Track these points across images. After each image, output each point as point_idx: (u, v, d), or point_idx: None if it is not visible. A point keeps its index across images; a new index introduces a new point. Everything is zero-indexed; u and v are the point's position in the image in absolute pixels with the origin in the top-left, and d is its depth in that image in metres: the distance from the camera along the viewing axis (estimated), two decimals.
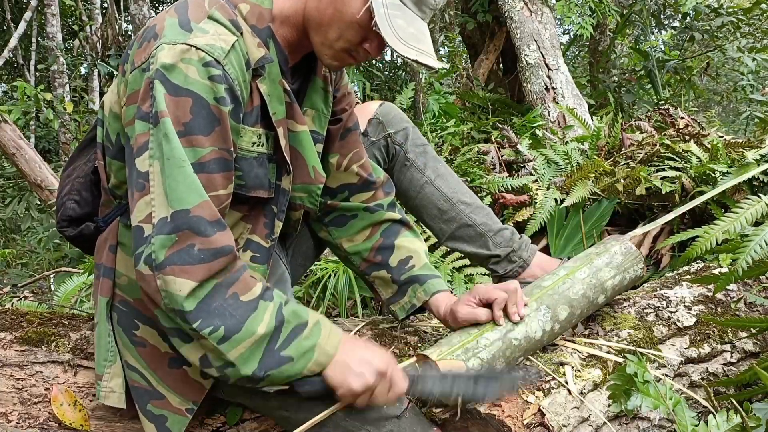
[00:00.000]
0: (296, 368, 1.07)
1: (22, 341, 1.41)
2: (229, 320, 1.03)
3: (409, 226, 1.50)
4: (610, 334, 1.48)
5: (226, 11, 1.12)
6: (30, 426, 1.31)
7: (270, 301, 1.08)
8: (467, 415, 1.24)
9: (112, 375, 1.25)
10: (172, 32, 1.06)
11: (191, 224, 1.02)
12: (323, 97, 1.33)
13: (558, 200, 2.52)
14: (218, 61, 1.05)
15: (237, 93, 1.09)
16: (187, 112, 1.03)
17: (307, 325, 1.10)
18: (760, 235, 1.37)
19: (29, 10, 6.76)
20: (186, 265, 1.01)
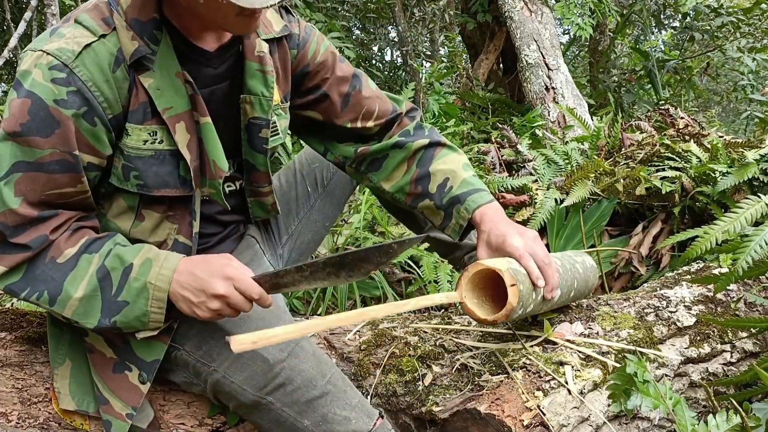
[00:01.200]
0: (138, 309, 1.12)
1: (22, 341, 1.41)
2: (50, 283, 1.11)
3: (441, 144, 1.46)
4: (610, 334, 1.48)
5: (99, 11, 1.12)
6: (30, 426, 1.31)
7: (95, 253, 1.13)
8: (467, 415, 1.24)
9: (59, 376, 1.28)
10: (39, 39, 1.10)
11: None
12: (262, 80, 1.28)
13: (558, 200, 2.52)
14: (65, 65, 1.06)
15: (91, 95, 1.08)
16: (26, 113, 1.05)
17: (132, 266, 1.12)
18: (760, 235, 1.37)
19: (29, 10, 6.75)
20: (2, 254, 1.11)
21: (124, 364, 1.22)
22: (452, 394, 1.29)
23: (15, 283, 1.12)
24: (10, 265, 1.11)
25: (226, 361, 1.21)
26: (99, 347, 1.24)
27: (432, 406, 1.28)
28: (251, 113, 1.29)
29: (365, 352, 1.43)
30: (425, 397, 1.31)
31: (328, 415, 1.17)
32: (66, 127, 1.07)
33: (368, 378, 1.38)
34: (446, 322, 1.53)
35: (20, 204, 1.08)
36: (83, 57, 1.07)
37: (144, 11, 1.12)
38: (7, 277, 1.12)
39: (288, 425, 1.18)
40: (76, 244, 1.13)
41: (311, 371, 1.19)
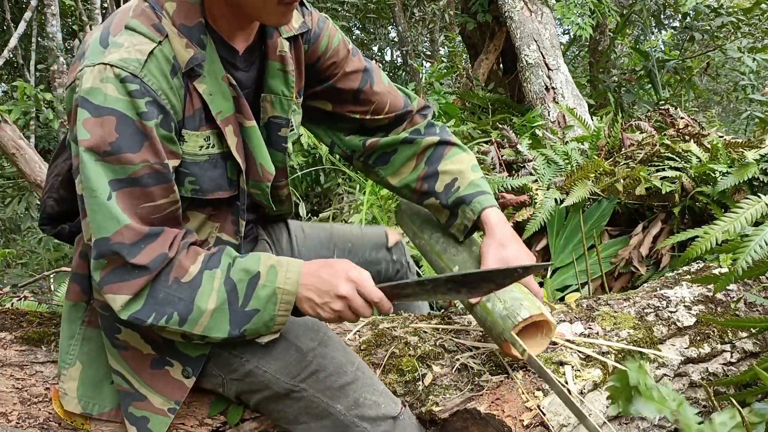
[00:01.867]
0: (267, 315, 1.13)
1: (22, 341, 1.41)
2: (179, 304, 1.09)
3: (451, 143, 1.46)
4: (610, 334, 1.48)
5: (146, 17, 1.09)
6: (30, 426, 1.31)
7: (215, 268, 1.12)
8: (467, 415, 1.24)
9: (67, 377, 1.26)
10: (93, 51, 1.06)
11: (113, 250, 1.06)
12: (283, 79, 1.28)
13: (558, 200, 2.52)
14: (135, 75, 1.04)
15: (163, 102, 1.08)
16: (113, 131, 1.04)
17: (260, 274, 1.13)
18: (760, 235, 1.37)
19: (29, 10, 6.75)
20: (121, 282, 1.07)
21: (165, 360, 1.22)
22: (452, 394, 1.29)
23: (139, 311, 1.08)
24: (135, 291, 1.07)
25: (259, 352, 1.21)
26: (134, 344, 1.22)
27: (432, 406, 1.28)
28: (271, 112, 1.30)
29: (365, 352, 1.43)
30: (425, 397, 1.31)
31: (360, 399, 1.19)
32: (152, 138, 1.06)
33: None
34: (446, 322, 1.53)
35: (131, 219, 1.06)
36: (148, 65, 1.06)
37: (190, 16, 1.12)
38: (130, 306, 1.07)
39: (320, 411, 1.19)
40: (196, 261, 1.12)
41: (341, 358, 1.22)
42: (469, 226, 1.39)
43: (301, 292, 1.14)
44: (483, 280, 1.13)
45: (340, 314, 1.14)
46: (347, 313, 1.14)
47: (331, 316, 1.14)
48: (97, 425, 1.30)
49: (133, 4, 1.12)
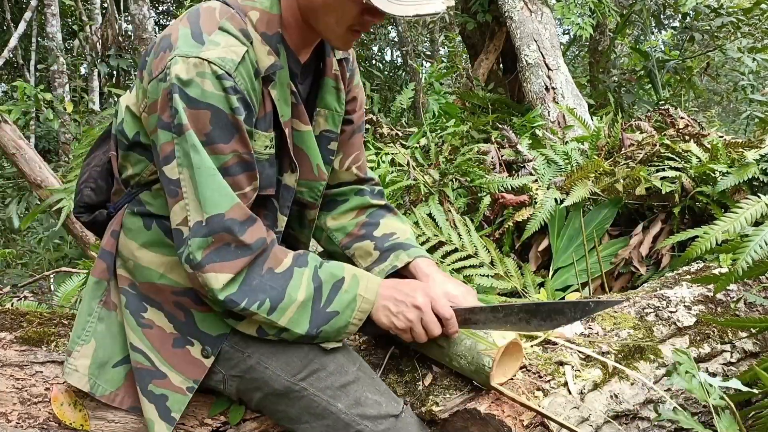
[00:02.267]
0: (343, 319, 1.19)
1: (22, 341, 1.42)
2: (271, 292, 1.15)
3: (394, 212, 1.55)
4: (610, 334, 1.48)
5: (236, 21, 1.15)
6: (30, 426, 1.32)
7: (304, 266, 1.20)
8: (467, 415, 1.24)
9: (80, 354, 1.28)
10: (186, 44, 1.11)
11: (226, 226, 1.12)
12: (336, 96, 1.37)
13: (558, 200, 2.52)
14: (229, 74, 1.10)
15: (249, 101, 1.14)
16: (207, 123, 1.10)
17: (344, 280, 1.21)
18: (760, 235, 1.37)
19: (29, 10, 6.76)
20: (225, 261, 1.12)
21: (186, 339, 1.25)
22: (452, 394, 1.29)
23: (235, 294, 1.13)
24: (235, 270, 1.13)
25: (262, 347, 1.23)
26: (159, 323, 1.25)
27: (432, 406, 1.28)
28: (323, 126, 1.37)
29: (365, 352, 1.43)
30: (425, 397, 1.31)
31: (361, 398, 1.21)
32: (242, 131, 1.13)
33: None
34: None
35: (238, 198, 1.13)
36: (240, 67, 1.12)
37: (271, 26, 1.19)
38: (227, 288, 1.13)
39: (321, 410, 1.20)
40: (287, 255, 1.20)
41: (342, 358, 1.24)
42: (398, 266, 1.41)
43: (379, 301, 1.21)
44: (555, 312, 1.17)
45: (412, 325, 1.20)
46: (418, 327, 1.20)
47: (405, 324, 1.20)
48: (97, 425, 1.30)
49: (216, 6, 1.17)
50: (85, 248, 3.50)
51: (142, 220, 1.27)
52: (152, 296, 1.26)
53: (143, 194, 1.27)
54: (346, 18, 1.15)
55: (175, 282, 1.24)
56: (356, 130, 1.49)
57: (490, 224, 2.77)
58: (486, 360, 1.22)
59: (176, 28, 1.14)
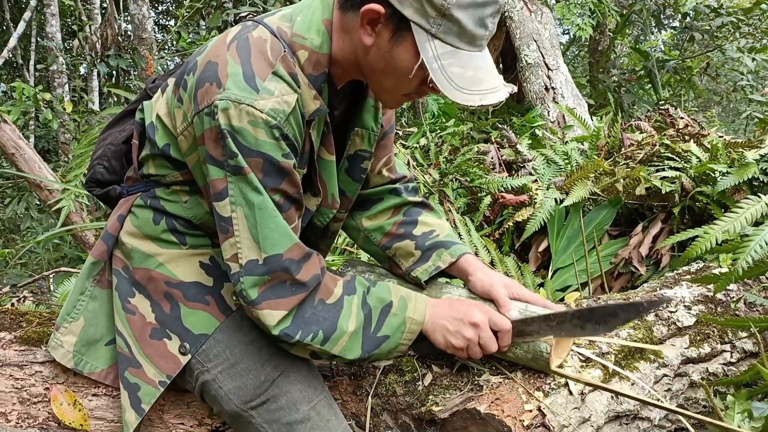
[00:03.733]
0: (393, 342, 1.20)
1: (21, 341, 1.41)
2: (323, 324, 1.16)
3: (431, 207, 1.53)
4: (610, 334, 1.48)
5: (287, 64, 1.12)
6: (29, 426, 1.31)
7: (353, 294, 1.20)
8: (467, 415, 1.24)
9: (68, 331, 1.29)
10: (237, 87, 1.08)
11: (284, 266, 1.13)
12: (373, 115, 1.35)
13: (558, 200, 2.52)
14: (280, 126, 1.10)
15: (296, 146, 1.15)
16: (259, 170, 1.10)
17: (392, 304, 1.21)
18: (760, 235, 1.37)
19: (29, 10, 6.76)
20: (279, 299, 1.13)
21: (164, 332, 1.24)
22: (452, 394, 1.29)
23: (288, 327, 1.14)
24: (290, 307, 1.14)
25: (220, 366, 1.22)
26: (142, 311, 1.25)
27: (432, 406, 1.28)
28: (359, 145, 1.36)
29: None
30: (425, 397, 1.31)
31: None
32: (292, 174, 1.14)
33: (368, 378, 1.38)
34: None
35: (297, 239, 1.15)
36: (290, 117, 1.11)
37: (318, 67, 1.16)
38: (282, 323, 1.14)
39: None
40: (337, 285, 1.21)
41: (297, 395, 1.22)
42: (442, 267, 1.41)
43: (435, 320, 1.22)
44: (609, 314, 1.18)
45: (470, 343, 1.21)
46: (475, 345, 1.21)
47: (462, 343, 1.21)
48: (97, 425, 1.30)
49: (267, 38, 1.13)
50: (84, 248, 3.50)
51: (152, 214, 1.26)
52: (143, 283, 1.25)
53: (160, 190, 1.27)
54: (405, 86, 1.15)
55: (173, 274, 1.24)
56: (387, 132, 1.47)
57: (490, 224, 2.77)
58: (543, 347, 1.25)
59: (224, 59, 1.10)
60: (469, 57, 1.08)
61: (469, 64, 1.08)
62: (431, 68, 1.05)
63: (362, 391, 1.37)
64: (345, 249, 2.51)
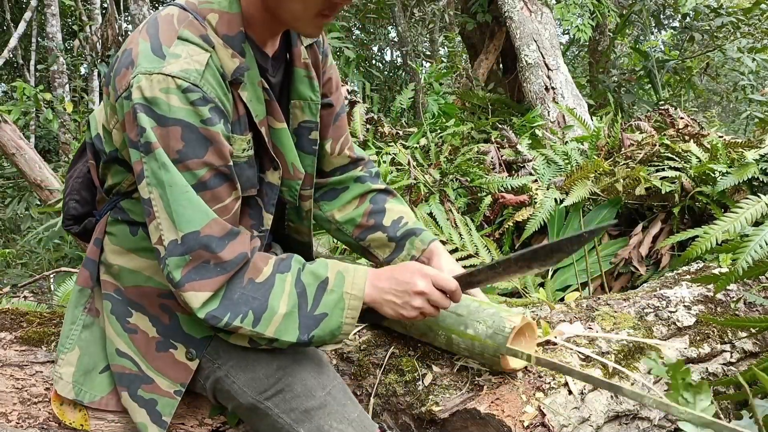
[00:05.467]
0: (334, 320, 1.15)
1: (22, 341, 1.42)
2: (253, 303, 1.12)
3: (394, 194, 1.56)
4: (610, 334, 1.48)
5: (195, 27, 1.12)
6: (30, 426, 1.32)
7: (286, 272, 1.16)
8: (467, 415, 1.24)
9: (65, 362, 1.28)
10: (146, 59, 1.07)
11: (202, 243, 1.09)
12: (309, 85, 1.34)
13: (558, 200, 2.52)
14: (196, 85, 1.07)
15: (221, 108, 1.11)
16: (179, 139, 1.07)
17: (328, 280, 1.16)
18: (760, 235, 1.37)
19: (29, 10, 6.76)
20: (204, 279, 1.09)
21: (169, 343, 1.24)
22: (452, 394, 1.29)
23: (216, 309, 1.10)
24: (215, 288, 1.10)
25: (231, 360, 1.22)
26: (143, 327, 1.24)
27: (432, 406, 1.28)
28: (301, 117, 1.35)
29: (365, 352, 1.43)
30: (425, 397, 1.31)
31: (324, 427, 1.18)
32: (217, 141, 1.10)
33: (368, 378, 1.38)
34: None
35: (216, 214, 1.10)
36: (206, 75, 1.09)
37: (232, 26, 1.15)
38: (207, 304, 1.10)
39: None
40: (268, 263, 1.16)
41: (312, 381, 1.21)
42: (417, 256, 1.45)
43: (379, 296, 1.18)
44: (553, 251, 1.15)
45: (422, 310, 1.18)
46: (428, 308, 1.18)
47: (413, 313, 1.18)
48: (97, 425, 1.30)
49: (174, 13, 1.13)
50: (84, 248, 3.50)
51: (127, 227, 1.26)
52: (137, 300, 1.25)
53: (124, 202, 1.26)
54: (312, 4, 1.11)
55: (162, 285, 1.23)
56: (339, 112, 1.47)
57: (490, 224, 2.77)
58: (507, 324, 1.24)
59: (136, 42, 1.10)
60: None
61: None
62: None
63: (363, 391, 1.37)
64: (345, 249, 2.51)
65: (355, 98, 3.25)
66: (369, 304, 1.18)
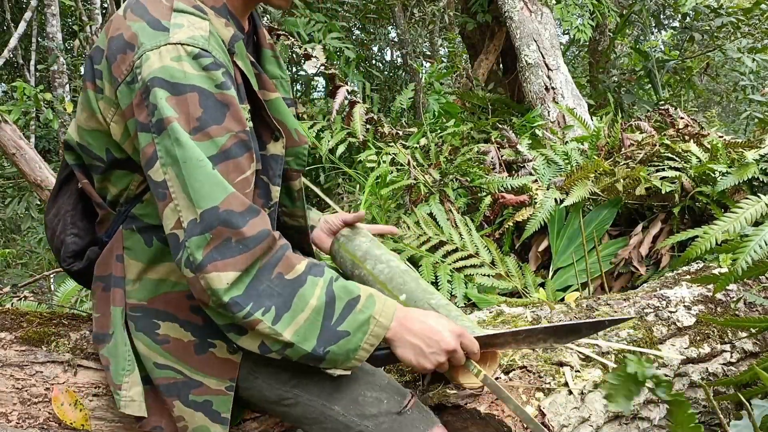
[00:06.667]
0: (354, 342, 1.08)
1: (22, 341, 1.41)
2: (278, 299, 1.05)
3: None
4: (610, 334, 1.48)
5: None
6: (30, 426, 1.31)
7: (320, 276, 1.10)
8: (467, 415, 1.24)
9: (131, 384, 1.23)
10: (148, 37, 1.05)
11: (222, 219, 1.02)
12: (277, 64, 1.34)
13: (558, 200, 2.52)
14: (205, 49, 1.05)
15: (231, 73, 1.09)
16: (197, 106, 1.03)
17: (359, 298, 1.10)
18: (760, 235, 1.37)
19: (29, 10, 6.76)
20: (227, 258, 1.02)
21: (207, 342, 1.20)
22: (452, 393, 1.29)
23: (240, 296, 1.02)
24: (241, 268, 1.02)
25: (252, 355, 1.17)
26: (175, 335, 1.20)
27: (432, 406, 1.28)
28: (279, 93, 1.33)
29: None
30: (425, 397, 1.31)
31: (359, 398, 1.17)
32: (233, 105, 1.06)
33: None
34: None
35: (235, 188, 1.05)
36: (211, 41, 1.07)
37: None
38: (233, 288, 1.02)
39: (317, 414, 1.17)
40: (302, 262, 1.10)
41: None
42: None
43: (403, 335, 1.12)
44: (572, 332, 1.22)
45: (440, 367, 1.14)
46: (446, 366, 1.14)
47: (433, 367, 1.13)
48: (97, 425, 1.30)
49: None
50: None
51: (141, 238, 1.21)
52: (165, 309, 1.21)
53: (136, 208, 1.21)
54: None
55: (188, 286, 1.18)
56: None
57: (490, 224, 2.77)
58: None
59: (125, 26, 1.08)
60: None
61: None
62: None
63: None
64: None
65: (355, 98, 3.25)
66: (389, 338, 1.12)
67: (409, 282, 1.39)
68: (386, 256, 1.46)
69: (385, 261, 1.44)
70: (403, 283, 1.39)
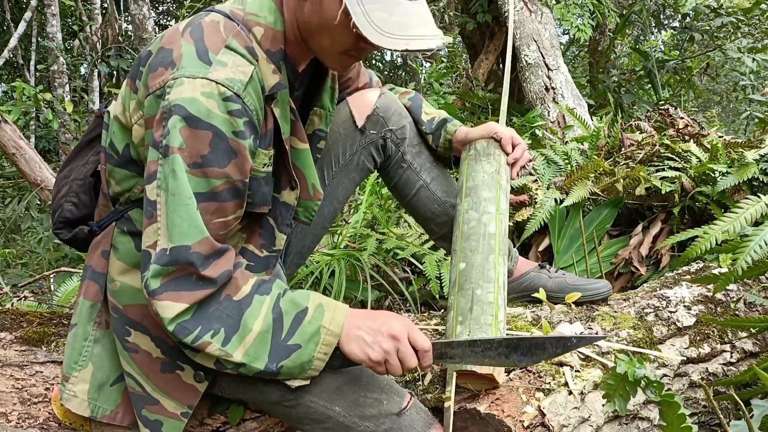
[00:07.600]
0: (306, 354, 1.10)
1: (22, 341, 1.42)
2: (227, 321, 1.08)
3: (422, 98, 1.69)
4: (610, 334, 1.48)
5: (242, 39, 1.13)
6: (30, 426, 1.32)
7: (266, 294, 1.12)
8: (467, 415, 1.24)
9: (78, 380, 1.24)
10: (191, 64, 1.07)
11: (189, 260, 1.06)
12: (330, 96, 1.39)
13: (558, 200, 2.52)
14: (238, 95, 1.07)
15: (255, 123, 1.12)
16: (207, 145, 1.06)
17: (307, 310, 1.12)
18: (759, 235, 1.37)
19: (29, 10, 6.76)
20: (182, 291, 1.06)
21: (175, 364, 1.21)
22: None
23: (187, 321, 1.06)
24: (193, 302, 1.06)
25: None
26: (145, 347, 1.21)
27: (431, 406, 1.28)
28: (317, 125, 1.39)
29: None
30: (425, 397, 1.31)
31: (359, 399, 1.18)
32: (242, 156, 1.09)
33: None
34: (446, 323, 1.53)
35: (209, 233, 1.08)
36: (248, 87, 1.09)
37: (275, 43, 1.18)
38: (181, 316, 1.06)
39: (318, 414, 1.18)
40: (248, 282, 1.13)
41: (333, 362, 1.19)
42: (451, 138, 1.58)
43: (351, 331, 1.12)
44: (536, 347, 1.13)
45: (388, 357, 1.11)
46: (394, 358, 1.11)
47: (380, 356, 1.10)
48: (97, 426, 1.31)
49: (220, 20, 1.14)
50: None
51: (132, 241, 1.22)
52: (139, 320, 1.21)
53: (133, 212, 1.23)
54: (340, 43, 1.15)
55: None
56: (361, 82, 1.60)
57: None
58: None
59: (178, 44, 1.10)
60: (395, 3, 1.09)
61: (396, 10, 1.09)
62: (354, 12, 1.06)
63: None
64: (348, 245, 2.52)
65: None
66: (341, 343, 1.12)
67: (481, 253, 1.35)
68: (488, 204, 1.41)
69: (482, 211, 1.40)
70: (475, 250, 1.34)
